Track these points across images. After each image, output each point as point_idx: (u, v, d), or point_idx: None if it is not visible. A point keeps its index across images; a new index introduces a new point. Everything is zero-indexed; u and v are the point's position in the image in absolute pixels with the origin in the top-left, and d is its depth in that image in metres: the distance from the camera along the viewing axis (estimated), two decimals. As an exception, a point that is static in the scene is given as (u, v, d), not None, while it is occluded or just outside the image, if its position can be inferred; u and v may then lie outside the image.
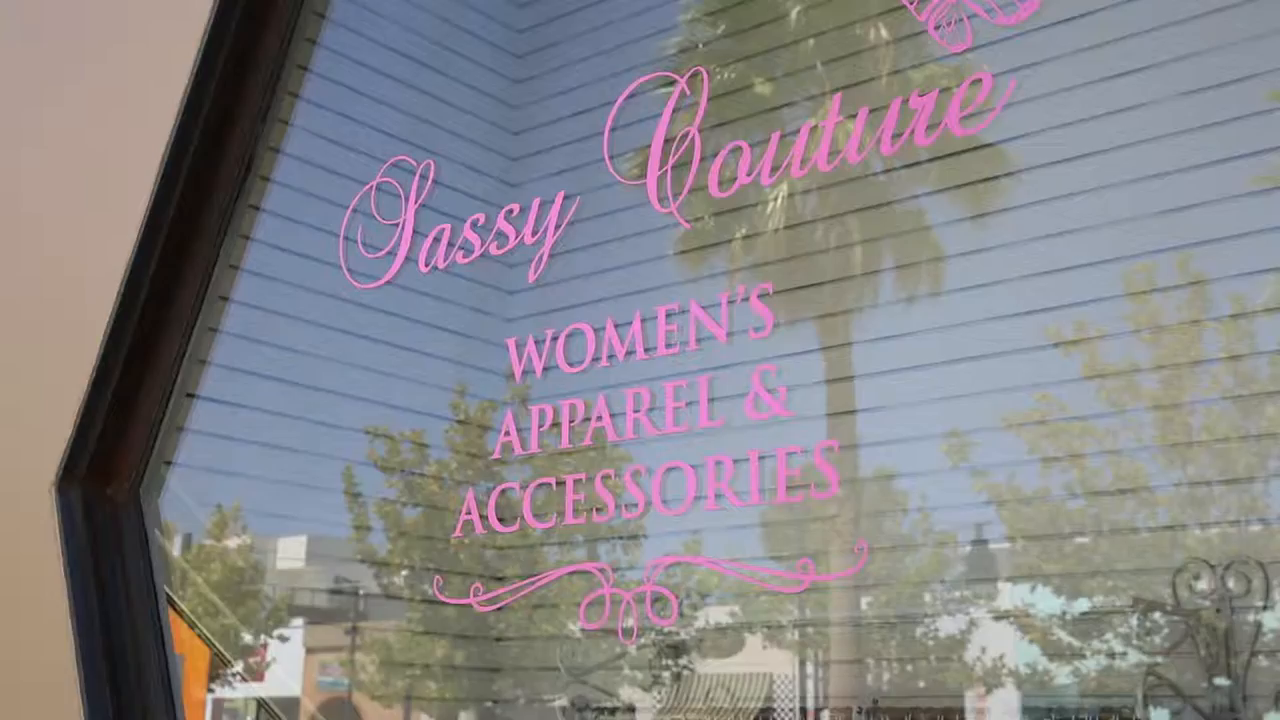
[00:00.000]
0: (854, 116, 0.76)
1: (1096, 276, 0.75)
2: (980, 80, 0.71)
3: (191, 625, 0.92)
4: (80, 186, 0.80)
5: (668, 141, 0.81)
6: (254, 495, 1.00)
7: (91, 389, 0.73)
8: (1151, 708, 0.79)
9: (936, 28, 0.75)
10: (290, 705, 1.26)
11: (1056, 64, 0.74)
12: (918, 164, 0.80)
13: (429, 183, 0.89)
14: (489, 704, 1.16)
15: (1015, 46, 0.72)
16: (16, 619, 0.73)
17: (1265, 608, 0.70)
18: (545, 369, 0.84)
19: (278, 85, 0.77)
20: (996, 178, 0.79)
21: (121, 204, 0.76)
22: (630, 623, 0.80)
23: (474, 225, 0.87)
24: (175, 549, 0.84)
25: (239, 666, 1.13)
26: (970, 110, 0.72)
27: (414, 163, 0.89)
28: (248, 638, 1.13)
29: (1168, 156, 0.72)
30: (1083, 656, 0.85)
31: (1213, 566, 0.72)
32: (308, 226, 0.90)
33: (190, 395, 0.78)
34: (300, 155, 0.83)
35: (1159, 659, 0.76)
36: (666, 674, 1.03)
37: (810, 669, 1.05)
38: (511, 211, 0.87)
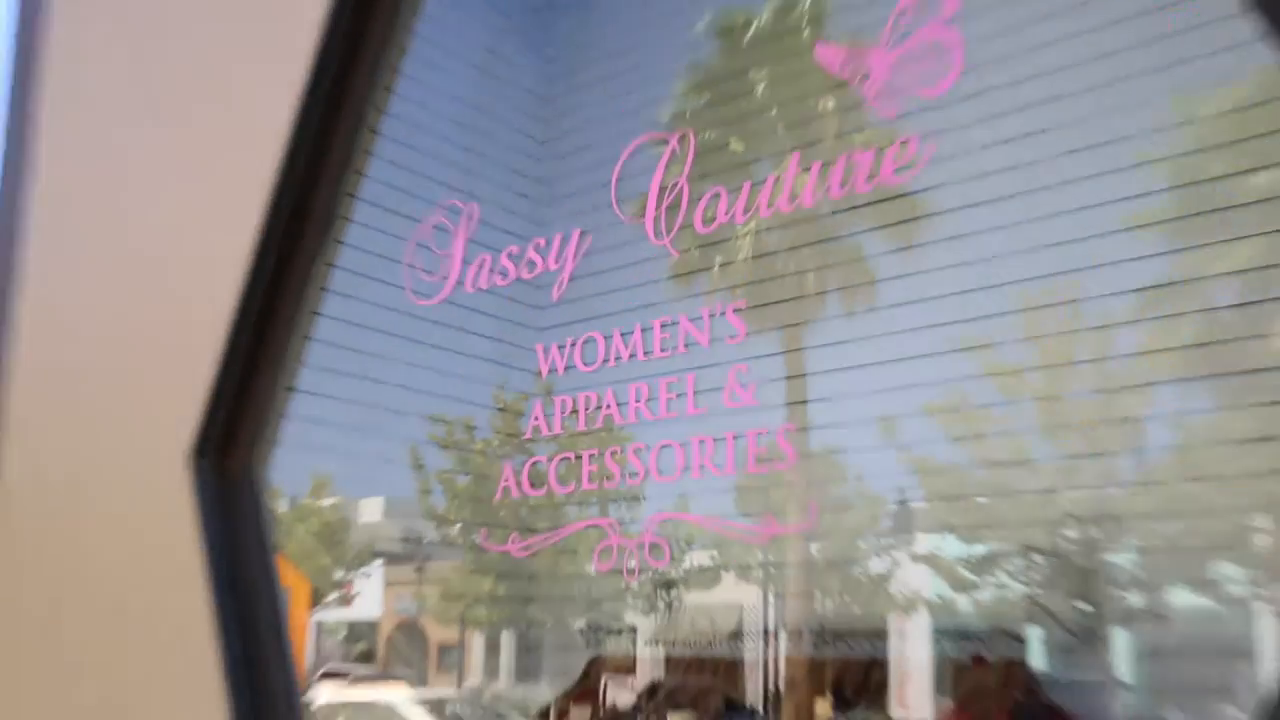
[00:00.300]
0: (809, 169, 0.77)
1: (995, 296, 0.77)
2: (908, 141, 0.72)
3: (296, 566, 0.95)
4: (202, 229, 0.82)
5: (662, 189, 0.82)
6: (342, 466, 1.03)
7: (215, 383, 0.75)
8: (1031, 626, 0.82)
9: (874, 99, 0.76)
10: (372, 627, 1.30)
11: (968, 129, 0.75)
12: (858, 207, 0.81)
13: (474, 221, 0.90)
14: (525, 625, 1.20)
15: (936, 114, 0.73)
16: (157, 579, 0.76)
17: (1119, 551, 0.73)
18: (566, 368, 0.85)
19: (355, 145, 0.78)
20: (919, 218, 0.80)
21: (232, 240, 0.78)
22: (633, 564, 0.82)
23: (509, 255, 0.88)
24: (282, 507, 0.87)
25: (332, 597, 1.16)
26: (900, 165, 0.72)
27: (462, 205, 0.90)
28: (338, 574, 1.16)
29: (1054, 203, 0.74)
30: (979, 589, 0.88)
31: (1080, 520, 0.75)
32: (379, 256, 0.91)
33: (290, 389, 0.80)
34: (372, 200, 0.84)
35: (1038, 590, 0.79)
36: (661, 603, 1.05)
37: (771, 600, 1.08)
38: (539, 244, 0.87)
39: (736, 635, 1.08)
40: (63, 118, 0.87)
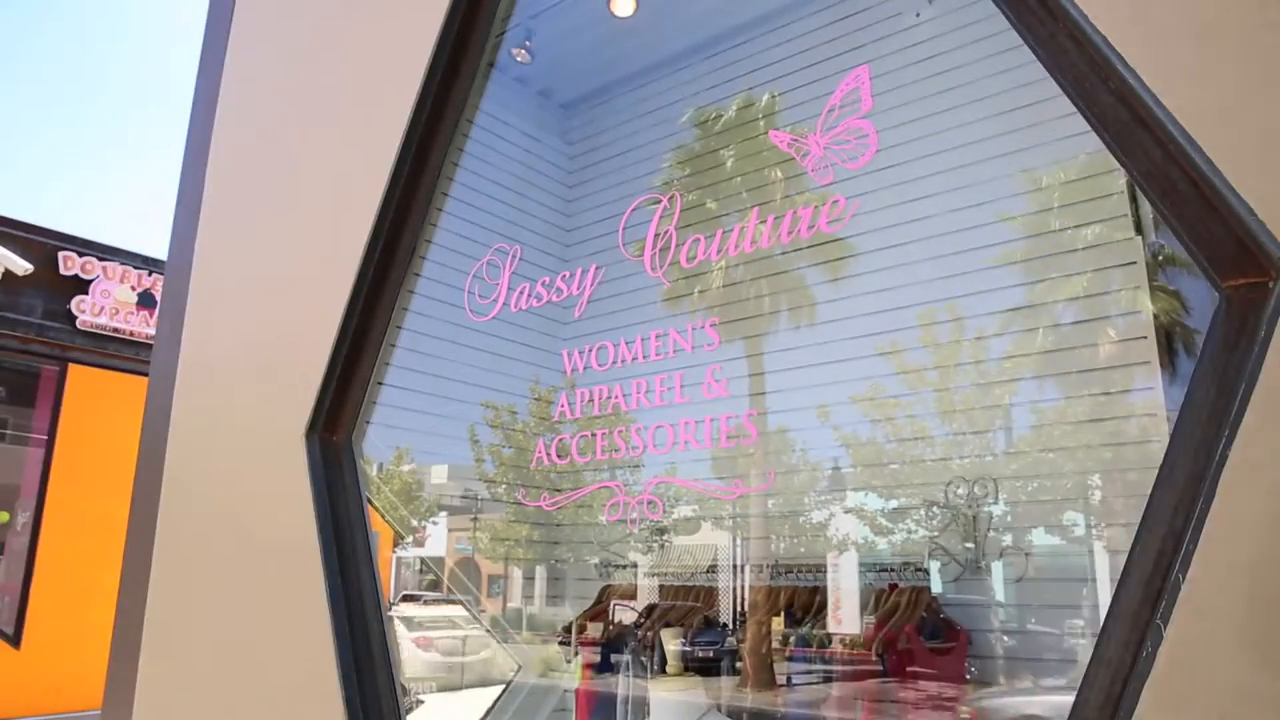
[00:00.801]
0: (765, 221, 0.82)
1: (903, 314, 0.82)
2: (838, 200, 0.76)
3: (382, 516, 0.98)
4: (317, 267, 0.86)
5: (656, 235, 0.87)
6: (417, 441, 1.08)
7: (324, 381, 0.79)
8: (931, 560, 0.86)
9: (812, 170, 0.81)
10: (439, 561, 1.34)
11: (881, 192, 0.80)
12: (801, 249, 0.85)
13: (517, 259, 0.95)
14: (553, 562, 1.24)
15: (857, 181, 0.78)
16: (281, 524, 0.80)
17: (994, 503, 0.77)
18: (585, 368, 0.89)
19: (430, 204, 0.83)
20: (846, 257, 0.85)
21: (338, 276, 0.82)
22: (634, 515, 0.86)
23: (543, 284, 0.92)
24: (372, 472, 0.91)
25: (409, 539, 1.21)
26: (832, 218, 0.77)
27: (508, 247, 0.95)
28: (414, 523, 1.20)
29: (942, 247, 0.80)
30: (893, 533, 0.92)
31: (967, 481, 0.80)
32: (446, 285, 0.96)
33: (379, 384, 0.84)
34: (441, 243, 0.89)
35: (937, 534, 0.83)
36: (655, 545, 1.09)
37: (738, 542, 1.11)
38: (565, 275, 0.92)
39: (712, 569, 1.13)
40: (223, 182, 0.93)
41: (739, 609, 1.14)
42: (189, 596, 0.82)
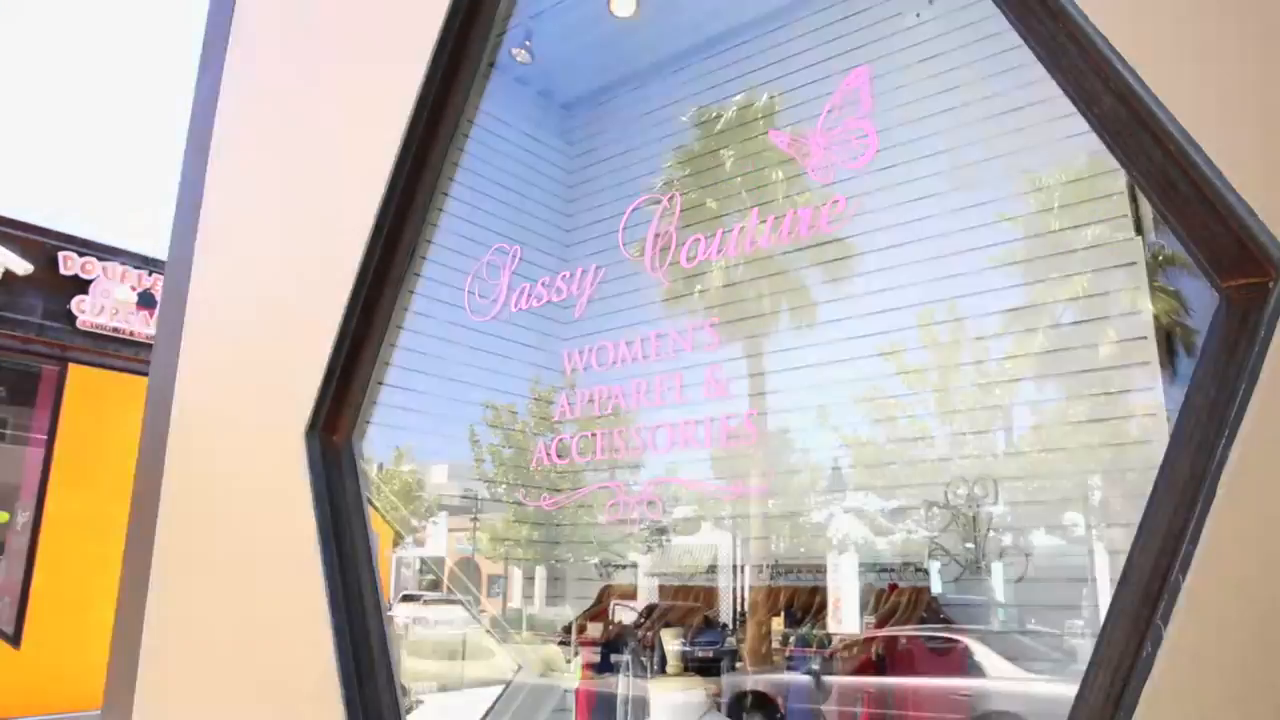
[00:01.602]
0: (765, 221, 0.82)
1: (903, 314, 0.82)
2: (838, 200, 0.75)
3: (382, 516, 0.98)
4: (318, 267, 0.85)
5: (656, 236, 0.86)
6: (418, 441, 1.07)
7: (324, 381, 0.79)
8: (932, 561, 0.86)
9: (812, 170, 0.81)
10: (439, 561, 1.34)
11: (881, 192, 0.80)
12: (801, 249, 0.85)
13: (517, 259, 0.94)
14: (554, 562, 1.24)
15: (857, 181, 0.78)
16: (280, 524, 0.79)
17: (994, 504, 0.77)
18: (585, 368, 0.89)
19: (430, 204, 0.83)
20: (847, 257, 0.85)
21: (338, 279, 0.82)
22: (634, 515, 0.86)
23: (543, 284, 0.92)
24: (372, 471, 0.91)
25: (409, 539, 1.21)
26: (832, 218, 0.76)
27: (508, 248, 0.95)
28: (414, 523, 1.20)
29: (943, 247, 0.80)
30: (894, 533, 0.92)
31: (967, 481, 0.80)
32: (446, 285, 0.96)
33: (380, 383, 0.84)
34: (441, 243, 0.89)
35: (937, 534, 0.83)
36: (655, 545, 1.09)
37: (739, 542, 1.11)
38: (565, 276, 0.91)
39: (712, 569, 1.13)
40: (224, 186, 0.92)
41: (739, 609, 1.14)
42: (189, 596, 0.82)
